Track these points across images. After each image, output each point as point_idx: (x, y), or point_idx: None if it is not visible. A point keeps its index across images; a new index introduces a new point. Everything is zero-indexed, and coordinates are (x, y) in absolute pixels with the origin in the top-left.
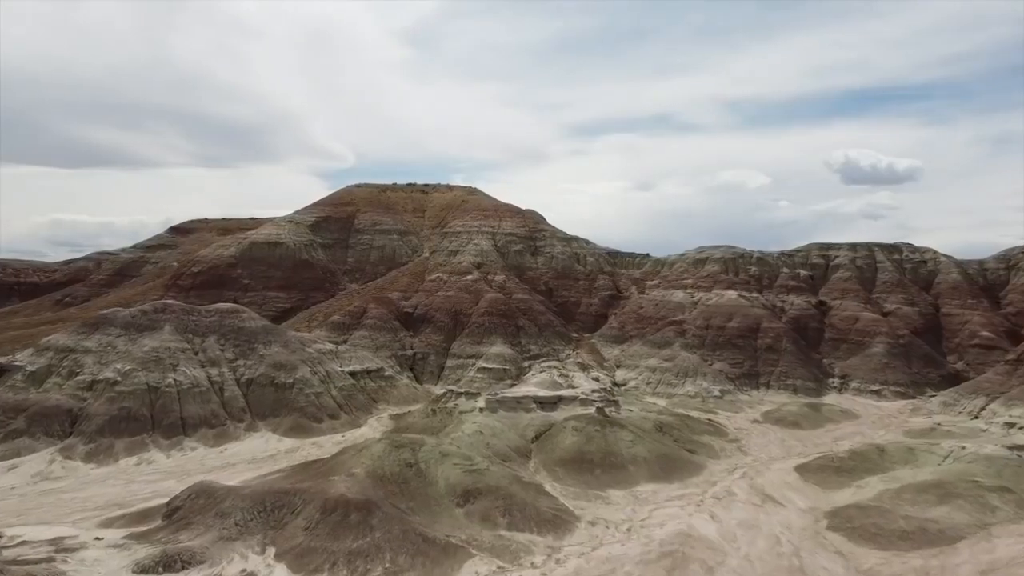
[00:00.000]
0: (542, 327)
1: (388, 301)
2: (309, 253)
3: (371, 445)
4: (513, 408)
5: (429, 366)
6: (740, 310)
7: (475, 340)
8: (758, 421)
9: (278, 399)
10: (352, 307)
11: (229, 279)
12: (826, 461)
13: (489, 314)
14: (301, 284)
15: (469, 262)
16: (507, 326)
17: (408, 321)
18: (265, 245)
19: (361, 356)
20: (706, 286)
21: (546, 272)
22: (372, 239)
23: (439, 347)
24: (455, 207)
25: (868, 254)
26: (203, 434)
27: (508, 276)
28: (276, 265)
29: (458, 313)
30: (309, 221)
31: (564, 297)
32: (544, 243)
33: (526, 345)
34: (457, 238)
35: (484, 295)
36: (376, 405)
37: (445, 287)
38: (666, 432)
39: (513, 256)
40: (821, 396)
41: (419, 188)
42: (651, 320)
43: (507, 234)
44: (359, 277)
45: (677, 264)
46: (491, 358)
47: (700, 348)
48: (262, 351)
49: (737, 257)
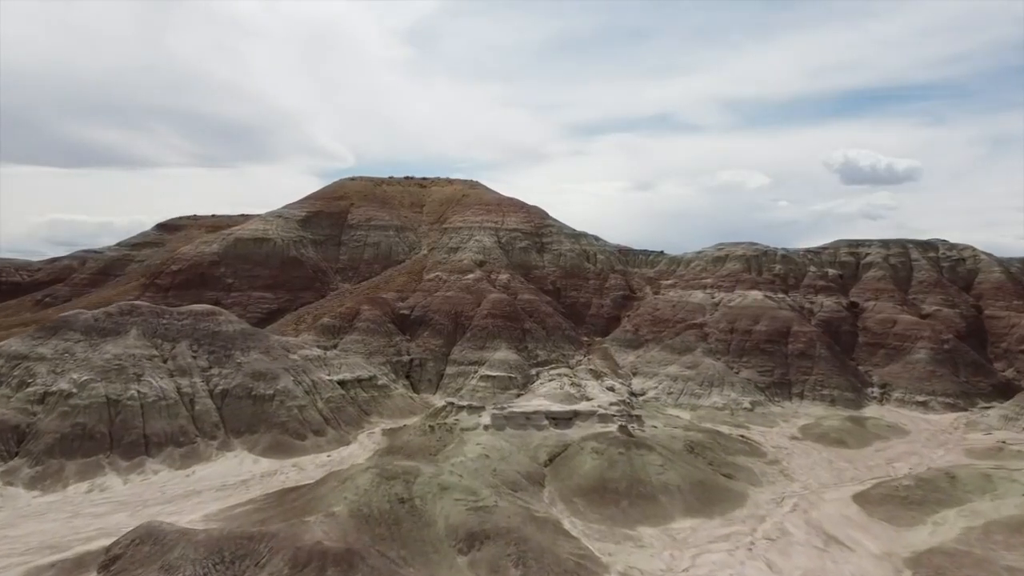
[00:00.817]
0: (550, 330)
1: (383, 302)
2: (298, 250)
3: (356, 475)
4: (522, 425)
5: (427, 373)
6: (767, 312)
7: (477, 345)
8: (797, 438)
9: (256, 413)
10: (343, 308)
11: (211, 278)
12: (889, 490)
13: (492, 316)
14: (289, 283)
15: (470, 260)
16: (512, 329)
17: (404, 324)
18: (251, 242)
19: (352, 363)
20: (727, 286)
21: (553, 271)
22: (366, 235)
23: (438, 352)
24: (455, 202)
25: (902, 251)
26: (169, 454)
27: (513, 275)
28: (262, 263)
29: (459, 315)
30: (299, 216)
31: (573, 298)
32: (551, 240)
33: (533, 350)
34: (458, 234)
35: (487, 295)
36: (368, 418)
37: (445, 287)
38: (698, 453)
39: (518, 254)
40: (861, 408)
41: (417, 182)
42: (669, 323)
43: (511, 230)
44: (352, 276)
45: (695, 262)
46: (495, 365)
47: (725, 354)
48: (240, 358)
49: (760, 255)
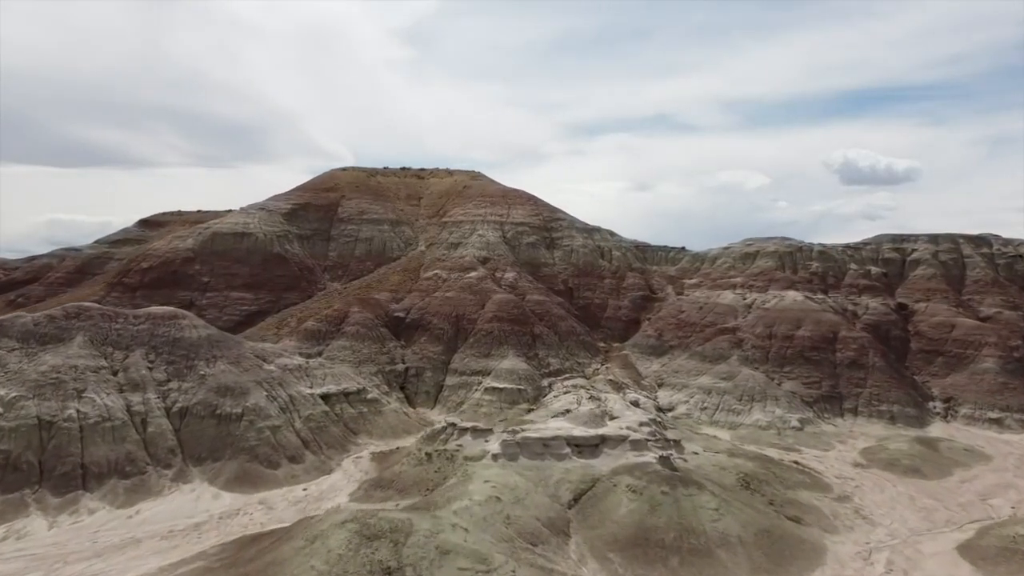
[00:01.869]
0: (563, 335)
1: (375, 303)
2: (283, 246)
3: (329, 532)
4: (539, 454)
5: (424, 384)
6: (809, 315)
7: (481, 352)
8: (861, 465)
9: (220, 436)
10: (330, 311)
11: (185, 277)
12: (1003, 541)
13: (498, 319)
14: (272, 283)
15: (473, 256)
16: (520, 334)
17: (399, 328)
18: (230, 236)
19: (338, 373)
20: (760, 285)
21: (565, 269)
22: (358, 230)
23: (437, 361)
24: (456, 193)
25: (953, 247)
26: (111, 488)
27: (520, 273)
28: (242, 260)
29: (460, 318)
30: (284, 209)
31: (587, 299)
32: (561, 235)
33: (544, 358)
34: (458, 228)
35: (492, 296)
36: (355, 438)
37: (444, 286)
38: (755, 489)
39: (525, 250)
40: (925, 426)
41: (414, 173)
42: (696, 327)
43: (518, 224)
44: (342, 274)
45: (721, 259)
46: (502, 375)
47: (763, 363)
48: (204, 369)
49: (794, 251)
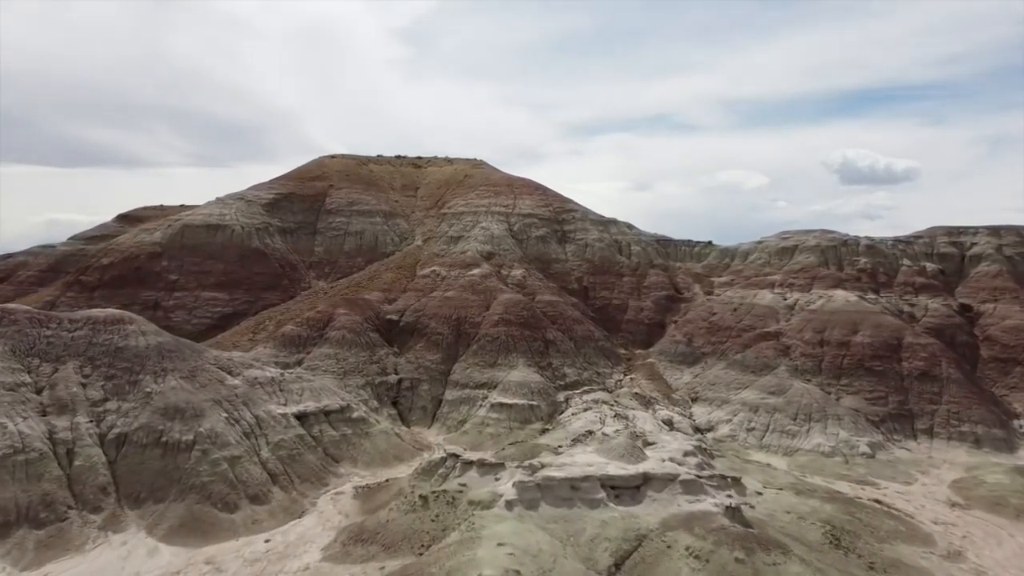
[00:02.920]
0: (580, 341)
1: (365, 304)
2: (263, 240)
3: None
4: (566, 499)
5: (420, 399)
6: (867, 318)
7: (486, 361)
8: (959, 505)
9: (166, 470)
10: (313, 313)
11: (150, 274)
12: None
13: (506, 323)
14: (249, 281)
15: (476, 251)
16: (531, 340)
17: (391, 333)
18: (202, 229)
19: (319, 387)
20: (801, 284)
21: (579, 265)
22: (348, 222)
23: (435, 371)
24: (456, 183)
25: (1018, 240)
26: (18, 541)
27: (529, 270)
28: (216, 256)
29: (461, 321)
30: (265, 199)
31: (605, 299)
32: (574, 227)
33: (559, 368)
34: (459, 220)
35: (497, 296)
36: (336, 468)
37: (443, 285)
38: (847, 547)
39: (534, 244)
40: (1015, 450)
41: (411, 161)
42: (731, 331)
43: (525, 215)
44: (329, 272)
45: (754, 255)
46: (510, 389)
47: (815, 374)
48: (151, 386)
49: (838, 245)
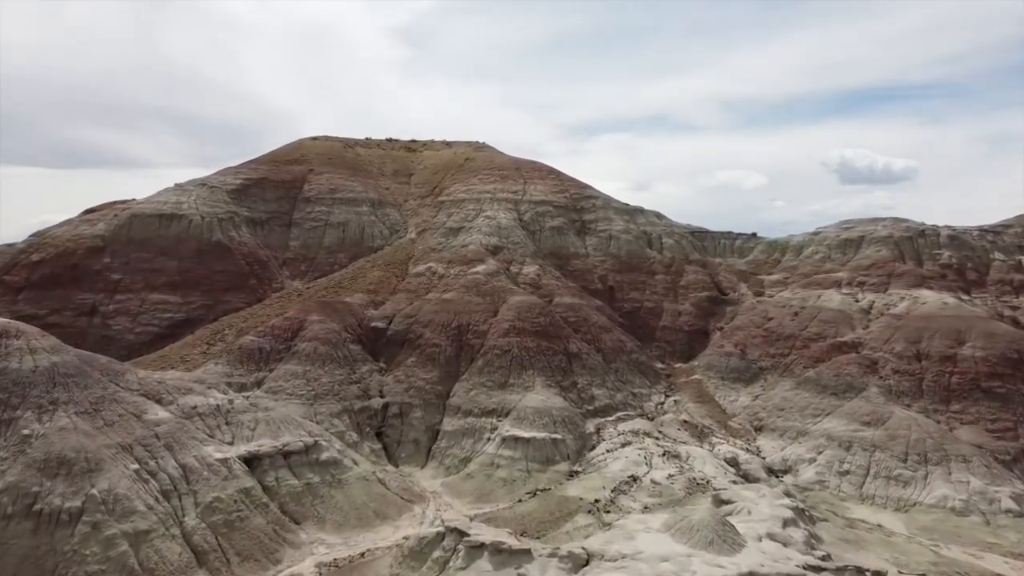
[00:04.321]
0: (609, 354)
1: (345, 309)
2: (226, 232)
3: None
4: None
5: (411, 430)
6: (972, 325)
7: (495, 380)
8: None
9: (37, 555)
10: (279, 320)
11: (89, 273)
12: None
13: (518, 331)
14: (208, 281)
15: (479, 244)
16: (551, 353)
17: (377, 344)
18: (154, 220)
19: (278, 418)
20: (875, 283)
21: (602, 261)
22: (329, 212)
23: (430, 393)
24: (456, 167)
25: None
26: None
27: (544, 267)
28: (170, 251)
29: (463, 330)
30: (232, 185)
31: (635, 301)
32: (595, 216)
33: (586, 388)
34: (460, 209)
35: (507, 298)
36: (294, 534)
37: (441, 285)
38: None
39: (549, 236)
40: None
41: (403, 145)
42: (794, 340)
43: (538, 202)
44: (305, 270)
45: (810, 248)
46: (527, 417)
47: (915, 396)
48: (31, 426)
49: (914, 236)
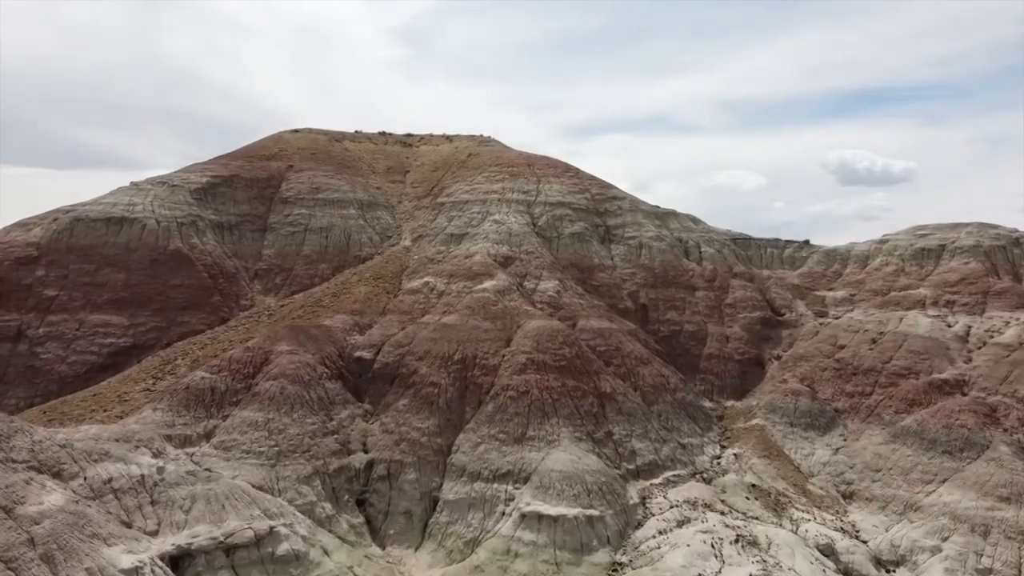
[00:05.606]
0: (650, 393)
1: (322, 335)
2: (187, 239)
3: None
4: None
5: (402, 497)
6: None
7: (510, 432)
8: None
9: None
10: (239, 352)
11: (17, 288)
12: None
13: (538, 367)
14: (162, 298)
15: (487, 255)
16: (579, 396)
17: (362, 380)
18: (101, 224)
19: (224, 493)
20: (969, 302)
21: (632, 274)
22: (310, 215)
23: (427, 448)
24: (457, 163)
25: None
26: None
27: (564, 282)
28: (118, 262)
29: (468, 364)
30: (196, 184)
31: (672, 323)
32: (622, 221)
33: (624, 440)
34: (462, 212)
35: (523, 323)
36: None
37: (441, 305)
38: None
39: (569, 244)
40: None
41: (398, 139)
42: (876, 376)
43: (554, 204)
44: (281, 284)
45: (878, 259)
46: (552, 485)
47: None
48: None
49: (1008, 245)
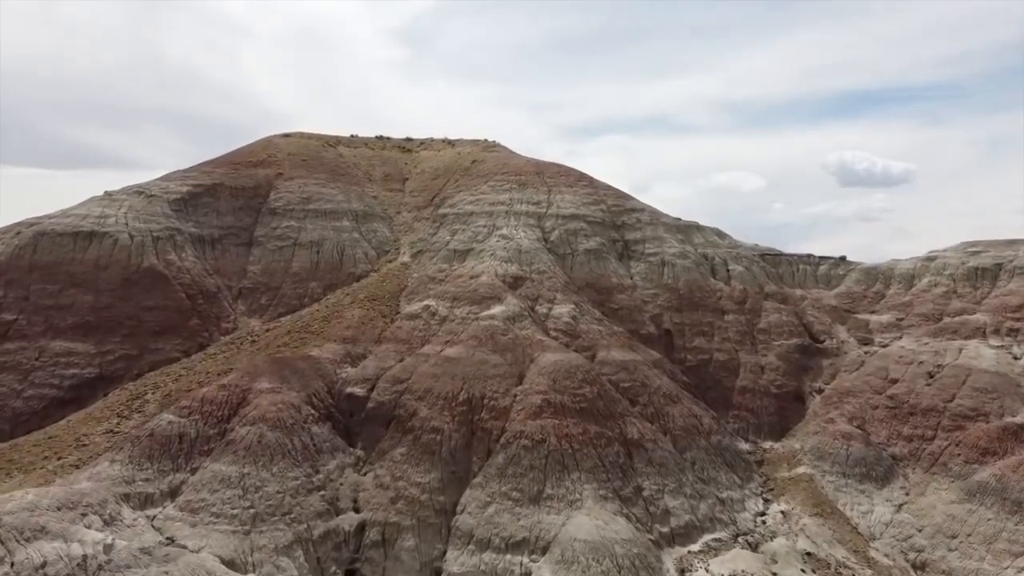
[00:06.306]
0: (681, 437)
1: (309, 369)
2: (164, 256)
3: None
4: None
5: (399, 568)
6: None
7: (524, 491)
8: None
9: None
10: (213, 390)
11: None
12: None
13: (555, 409)
14: (134, 322)
15: (494, 275)
16: (603, 444)
17: (353, 421)
18: (67, 240)
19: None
20: None
21: (654, 295)
22: (300, 228)
23: (428, 507)
24: (460, 171)
25: None
26: None
27: (580, 305)
28: (85, 282)
29: (476, 406)
30: (176, 194)
31: (701, 351)
32: (642, 235)
33: (655, 497)
34: (467, 225)
35: (537, 356)
36: None
37: (444, 333)
38: None
39: (584, 262)
40: None
41: (396, 144)
42: (938, 416)
43: (567, 217)
44: (267, 304)
45: (926, 279)
46: (575, 559)
47: None
48: None
49: None
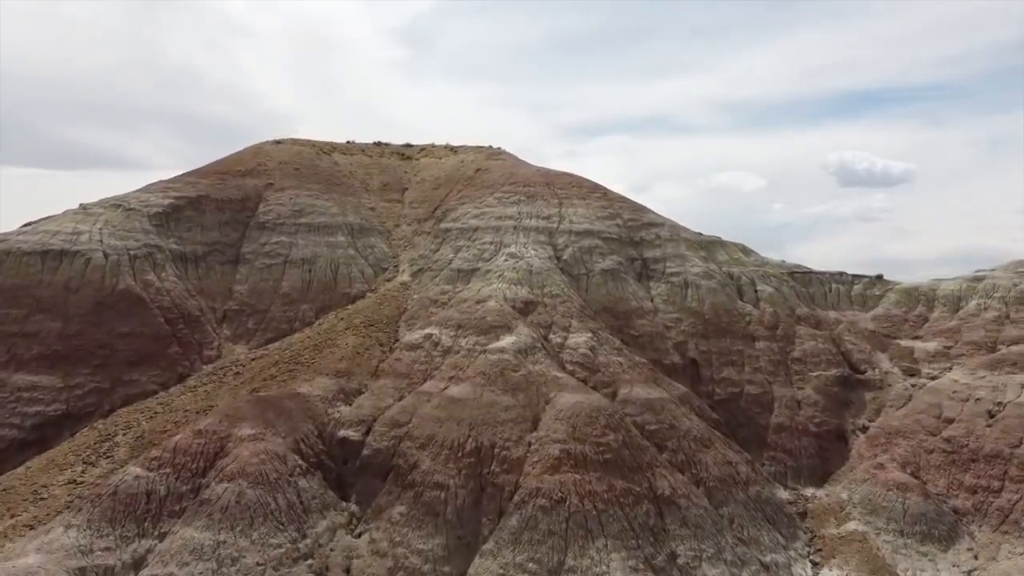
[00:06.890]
0: (717, 489)
1: (297, 410)
2: (142, 276)
3: None
4: None
5: None
6: None
7: (541, 560)
8: None
9: None
10: (186, 437)
11: None
12: None
13: (576, 462)
14: (106, 351)
15: (503, 300)
16: (630, 502)
17: (347, 469)
18: (35, 259)
19: None
20: None
21: (677, 320)
22: (291, 243)
23: None
24: (464, 180)
25: None
26: None
27: (598, 334)
28: (53, 306)
29: (485, 457)
30: (157, 207)
31: (730, 383)
32: (662, 253)
33: (690, 566)
34: (471, 242)
35: (551, 396)
36: None
37: (447, 366)
38: None
39: (600, 284)
40: None
41: (395, 150)
42: (1004, 464)
43: (580, 233)
44: (254, 328)
45: (974, 301)
46: None
47: None
48: None
49: None
